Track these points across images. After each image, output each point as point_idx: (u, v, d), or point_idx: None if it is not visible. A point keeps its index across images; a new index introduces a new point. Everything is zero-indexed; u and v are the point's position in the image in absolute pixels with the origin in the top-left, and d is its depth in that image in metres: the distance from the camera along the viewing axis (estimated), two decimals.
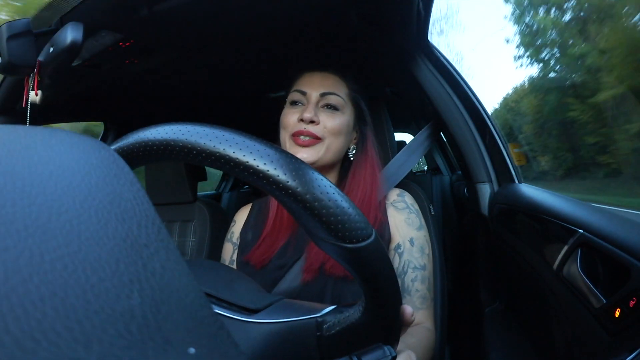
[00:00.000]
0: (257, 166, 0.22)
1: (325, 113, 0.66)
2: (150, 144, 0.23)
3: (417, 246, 0.64)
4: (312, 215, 0.23)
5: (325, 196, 0.23)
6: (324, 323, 0.31)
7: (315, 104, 0.66)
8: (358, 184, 0.67)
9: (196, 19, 0.67)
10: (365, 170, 0.69)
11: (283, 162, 0.23)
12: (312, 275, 0.59)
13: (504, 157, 0.79)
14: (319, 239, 0.25)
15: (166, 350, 0.12)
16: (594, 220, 0.46)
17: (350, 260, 0.25)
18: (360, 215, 0.25)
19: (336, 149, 0.66)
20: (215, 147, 0.22)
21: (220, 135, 0.23)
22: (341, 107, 0.67)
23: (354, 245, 0.24)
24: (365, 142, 0.71)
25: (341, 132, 0.66)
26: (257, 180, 0.23)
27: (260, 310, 0.32)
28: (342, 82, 0.69)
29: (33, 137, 0.16)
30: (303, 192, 0.23)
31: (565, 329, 0.49)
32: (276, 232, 0.67)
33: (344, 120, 0.66)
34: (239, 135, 0.23)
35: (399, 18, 0.69)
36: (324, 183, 0.24)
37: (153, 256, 0.14)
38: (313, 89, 0.66)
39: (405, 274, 0.61)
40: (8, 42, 0.54)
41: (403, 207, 0.68)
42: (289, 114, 0.66)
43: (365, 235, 0.25)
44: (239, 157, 0.22)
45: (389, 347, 0.30)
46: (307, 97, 0.66)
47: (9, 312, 0.10)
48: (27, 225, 0.12)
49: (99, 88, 0.95)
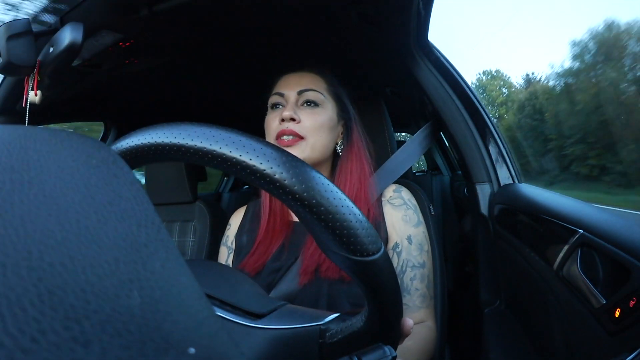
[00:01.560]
0: (273, 175, 0.22)
1: (305, 111, 0.65)
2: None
3: (416, 244, 0.63)
4: (326, 228, 0.23)
5: (340, 209, 0.23)
6: (327, 331, 0.31)
7: (295, 102, 0.65)
8: (346, 178, 0.66)
9: (196, 18, 0.67)
10: (352, 164, 0.67)
11: (299, 172, 0.23)
12: (308, 278, 0.59)
13: (504, 157, 0.79)
14: (329, 250, 0.26)
15: (166, 350, 0.12)
16: (594, 220, 0.46)
17: (358, 272, 0.26)
18: (371, 228, 0.25)
19: (322, 145, 0.65)
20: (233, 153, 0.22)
21: (238, 140, 0.23)
22: (321, 102, 0.66)
23: (363, 259, 0.25)
24: (351, 135, 0.70)
25: (323, 128, 0.65)
26: (273, 189, 0.23)
27: (264, 315, 0.32)
28: (319, 78, 0.68)
29: (33, 137, 0.16)
30: (318, 204, 0.23)
31: (565, 329, 0.49)
32: (269, 238, 0.66)
33: (325, 116, 0.65)
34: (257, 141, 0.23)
35: (398, 18, 0.69)
36: (339, 195, 0.24)
37: (153, 256, 0.14)
38: (290, 89, 0.66)
39: (404, 273, 0.61)
40: (8, 42, 0.54)
41: (400, 203, 0.67)
42: (271, 118, 0.66)
43: (376, 249, 0.25)
44: (256, 165, 0.22)
45: (389, 347, 0.30)
46: (285, 98, 0.66)
47: (8, 312, 0.10)
48: (26, 224, 0.12)
49: (99, 88, 0.95)
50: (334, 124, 0.68)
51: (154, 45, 0.75)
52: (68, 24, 0.55)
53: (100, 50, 0.71)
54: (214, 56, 0.88)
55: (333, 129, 0.68)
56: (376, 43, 0.82)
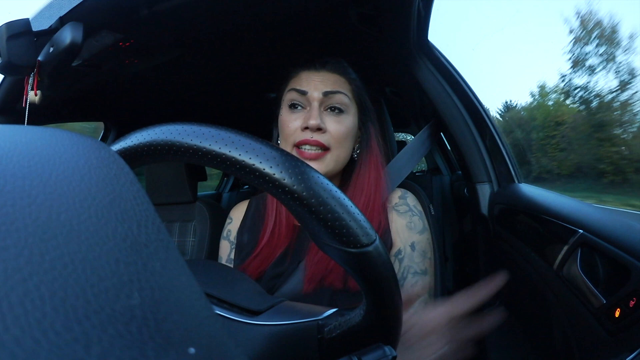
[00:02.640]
0: (262, 169, 0.22)
1: (330, 117, 0.60)
2: (154, 143, 0.24)
3: (419, 250, 0.61)
4: (317, 220, 0.23)
5: (331, 201, 0.23)
6: (325, 326, 0.31)
7: (319, 106, 0.59)
8: (362, 187, 0.62)
9: (196, 19, 0.67)
10: (370, 172, 0.63)
11: (288, 165, 0.23)
12: (313, 287, 0.57)
13: (504, 157, 0.79)
14: (323, 242, 0.26)
15: (166, 350, 0.12)
16: (594, 220, 0.46)
17: (353, 264, 0.26)
18: (364, 220, 0.25)
19: (345, 156, 0.61)
20: (221, 149, 0.23)
21: (227, 137, 0.23)
22: (346, 107, 0.61)
23: (357, 250, 0.24)
24: (369, 140, 0.65)
25: (348, 137, 0.61)
26: (263, 183, 0.23)
27: (262, 312, 0.32)
28: (344, 80, 0.63)
29: (33, 136, 0.16)
30: (308, 196, 0.23)
31: (565, 329, 0.49)
32: (274, 242, 0.63)
33: (350, 124, 0.61)
34: (244, 137, 0.23)
35: (398, 18, 0.69)
36: (330, 187, 0.24)
37: (153, 256, 0.14)
38: (314, 89, 0.59)
39: (404, 279, 0.59)
40: (8, 42, 0.54)
41: (405, 210, 0.64)
42: (290, 120, 0.60)
43: (370, 240, 0.25)
44: (245, 160, 0.22)
45: (389, 347, 0.30)
46: (307, 99, 0.60)
47: (8, 312, 0.10)
48: (26, 224, 0.12)
49: (99, 88, 0.95)
50: (356, 130, 0.64)
51: (154, 45, 0.75)
52: (68, 24, 0.55)
53: (100, 50, 0.71)
54: (214, 56, 0.88)
55: (355, 136, 0.64)
56: (376, 43, 0.82)
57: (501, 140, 0.81)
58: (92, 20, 0.59)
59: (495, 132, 0.80)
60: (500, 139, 0.81)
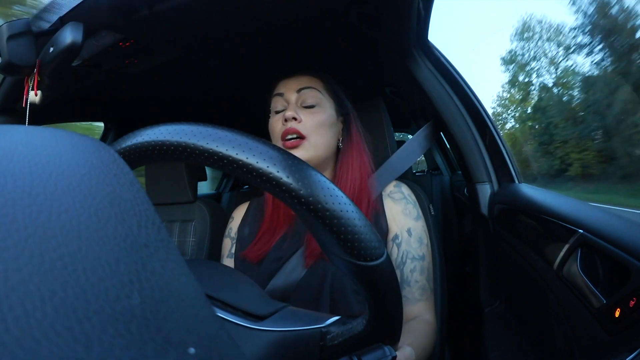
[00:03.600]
0: (280, 179, 0.22)
1: (305, 111, 0.67)
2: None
3: (415, 236, 0.64)
4: (330, 232, 0.23)
5: (345, 214, 0.23)
6: (327, 333, 0.31)
7: (295, 102, 0.68)
8: (347, 171, 0.69)
9: (196, 19, 0.67)
10: (352, 157, 0.70)
11: (304, 175, 0.23)
12: (314, 260, 0.61)
13: (504, 157, 0.79)
14: (332, 254, 0.26)
15: (166, 350, 0.12)
16: (594, 220, 0.46)
17: (361, 277, 0.26)
18: (374, 233, 0.25)
19: (323, 144, 0.67)
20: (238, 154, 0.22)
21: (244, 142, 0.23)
22: (319, 101, 0.69)
23: (366, 264, 0.25)
24: (350, 130, 0.73)
25: (324, 126, 0.67)
26: (279, 193, 0.23)
27: (266, 317, 0.32)
28: (316, 79, 0.72)
29: (33, 136, 0.16)
30: (323, 208, 0.23)
31: (565, 329, 0.49)
32: (273, 228, 0.69)
33: (325, 114, 0.68)
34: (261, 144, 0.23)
35: (398, 18, 0.69)
36: (344, 200, 0.24)
37: (153, 256, 0.14)
38: (289, 89, 0.69)
39: (404, 264, 0.62)
40: (8, 42, 0.54)
41: (400, 197, 0.69)
42: (274, 121, 0.69)
43: (379, 254, 0.25)
44: (262, 168, 0.22)
45: (389, 347, 0.30)
46: (285, 98, 0.69)
47: (9, 312, 0.10)
48: (27, 224, 0.12)
49: (99, 88, 0.95)
50: (334, 120, 0.70)
51: (154, 45, 0.75)
52: (68, 24, 0.55)
53: (100, 50, 0.71)
54: (214, 56, 0.88)
55: (333, 126, 0.70)
56: (376, 43, 0.82)
57: (501, 140, 0.80)
58: (92, 20, 0.59)
59: (495, 132, 0.80)
60: (500, 138, 0.81)
